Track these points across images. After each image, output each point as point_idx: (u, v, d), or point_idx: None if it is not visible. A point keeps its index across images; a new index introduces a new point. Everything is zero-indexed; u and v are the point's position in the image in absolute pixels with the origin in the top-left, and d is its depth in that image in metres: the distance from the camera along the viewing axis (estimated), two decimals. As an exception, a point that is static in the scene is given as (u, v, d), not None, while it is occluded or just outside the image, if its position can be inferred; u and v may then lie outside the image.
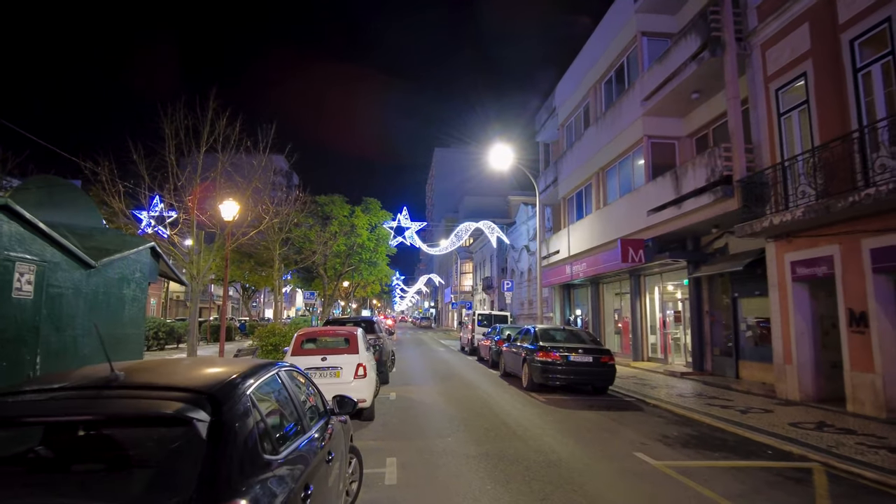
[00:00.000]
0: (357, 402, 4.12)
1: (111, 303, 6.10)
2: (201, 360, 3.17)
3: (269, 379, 2.92)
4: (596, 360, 11.39)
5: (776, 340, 11.17)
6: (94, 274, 5.74)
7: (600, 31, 19.69)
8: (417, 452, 6.65)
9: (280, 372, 3.14)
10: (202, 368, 2.87)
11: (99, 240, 6.21)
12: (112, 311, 6.14)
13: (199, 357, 3.46)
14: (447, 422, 8.51)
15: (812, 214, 9.21)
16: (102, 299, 5.94)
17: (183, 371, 2.73)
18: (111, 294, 6.09)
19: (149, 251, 6.99)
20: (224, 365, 3.03)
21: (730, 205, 12.08)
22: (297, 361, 8.28)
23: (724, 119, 14.35)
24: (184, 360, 3.03)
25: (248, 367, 2.81)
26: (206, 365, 3.04)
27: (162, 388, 2.27)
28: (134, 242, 6.76)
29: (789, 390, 10.66)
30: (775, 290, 11.15)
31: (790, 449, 6.99)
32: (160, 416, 2.08)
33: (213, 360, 3.45)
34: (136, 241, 7.10)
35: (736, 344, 14.01)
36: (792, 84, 10.80)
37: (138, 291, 6.72)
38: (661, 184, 14.71)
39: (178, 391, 2.24)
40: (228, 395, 2.31)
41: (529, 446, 6.96)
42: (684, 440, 7.58)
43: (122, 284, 6.32)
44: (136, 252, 6.55)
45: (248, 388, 2.49)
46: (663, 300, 18.11)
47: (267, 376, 2.87)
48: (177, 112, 9.95)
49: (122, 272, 6.31)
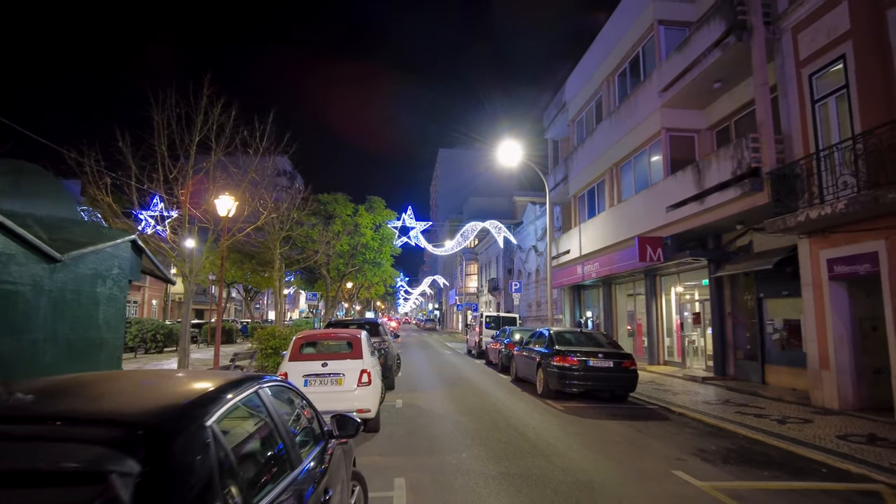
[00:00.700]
0: (360, 422, 3.41)
1: (82, 302, 5.39)
2: (160, 375, 2.46)
3: (244, 400, 2.21)
4: (617, 364, 10.64)
5: (810, 344, 10.39)
6: (60, 269, 5.03)
7: (613, 22, 18.95)
8: (429, 471, 5.91)
9: (262, 390, 2.43)
10: (154, 387, 2.16)
11: (71, 232, 5.51)
12: (83, 312, 5.42)
13: (159, 370, 2.75)
14: (460, 434, 7.77)
15: (856, 207, 8.44)
16: (71, 298, 5.23)
17: (123, 391, 2.02)
18: (82, 292, 5.38)
19: (129, 245, 6.27)
20: (187, 381, 2.32)
21: (758, 199, 11.32)
22: (295, 367, 7.59)
23: (747, 110, 13.64)
24: (134, 375, 2.32)
25: (216, 385, 2.10)
26: (162, 381, 2.33)
27: (76, 422, 1.56)
28: (111, 235, 6.04)
29: (826, 398, 9.88)
30: (809, 290, 10.38)
31: (846, 467, 6.23)
32: (55, 471, 1.36)
33: (175, 374, 2.73)
34: (115, 233, 6.38)
35: (761, 347, 13.21)
36: (828, 68, 10.04)
37: (116, 290, 6.00)
38: (681, 178, 13.95)
39: (101, 425, 1.53)
40: (176, 430, 1.60)
41: (554, 464, 6.21)
42: (724, 455, 6.82)
43: (95, 282, 5.61)
44: (114, 245, 5.84)
45: (208, 417, 1.77)
46: (680, 301, 17.33)
47: (240, 397, 2.15)
48: (168, 99, 9.29)
49: (95, 268, 5.59)
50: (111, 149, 8.98)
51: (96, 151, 9.02)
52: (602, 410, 9.97)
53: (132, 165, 8.87)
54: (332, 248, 23.72)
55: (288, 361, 7.76)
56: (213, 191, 9.93)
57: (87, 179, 8.92)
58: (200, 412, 1.77)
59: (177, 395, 1.89)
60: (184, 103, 9.52)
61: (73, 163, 8.82)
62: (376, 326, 13.83)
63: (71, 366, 5.16)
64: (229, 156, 10.74)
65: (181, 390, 2.00)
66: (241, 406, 2.18)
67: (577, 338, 11.86)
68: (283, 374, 7.55)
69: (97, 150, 9.01)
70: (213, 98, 9.54)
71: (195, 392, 1.94)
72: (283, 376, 7.52)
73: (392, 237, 29.68)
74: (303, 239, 22.75)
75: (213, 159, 9.67)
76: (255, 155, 10.16)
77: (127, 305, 24.85)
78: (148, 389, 2.08)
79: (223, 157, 9.81)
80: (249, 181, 10.45)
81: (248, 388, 2.29)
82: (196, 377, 2.37)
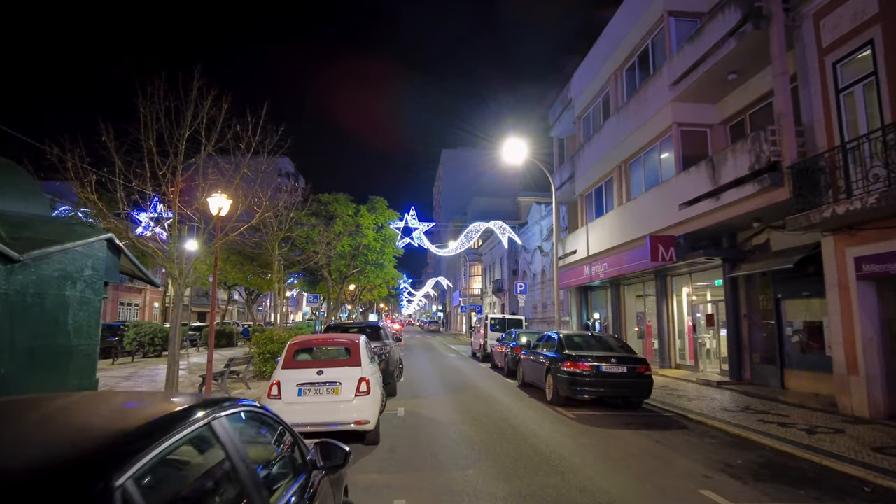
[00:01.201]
0: (349, 451, 2.88)
1: (46, 306, 4.87)
2: (80, 403, 1.93)
3: (189, 437, 1.69)
4: (631, 370, 10.08)
5: (836, 347, 9.80)
6: (19, 270, 4.52)
7: (621, 15, 18.40)
8: (432, 492, 5.38)
9: (217, 421, 1.90)
10: (59, 424, 1.64)
11: (37, 230, 5.00)
12: (47, 316, 4.90)
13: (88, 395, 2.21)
14: (466, 447, 7.23)
15: (890, 201, 7.87)
16: (33, 302, 4.71)
17: (8, 433, 1.49)
18: (47, 295, 4.86)
19: (105, 244, 5.76)
20: (111, 414, 1.80)
21: (777, 195, 10.76)
22: (288, 375, 7.08)
23: (763, 102, 13.09)
24: (46, 403, 1.80)
25: (145, 421, 1.58)
26: (75, 414, 1.80)
27: None
28: (84, 234, 5.52)
29: (855, 405, 9.29)
30: (834, 290, 9.80)
31: (889, 484, 5.67)
32: None
33: (103, 400, 2.19)
34: (88, 232, 5.86)
35: (780, 350, 12.63)
36: (854, 55, 9.48)
37: (89, 293, 5.49)
38: (694, 174, 13.38)
39: None
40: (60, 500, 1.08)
41: (570, 482, 5.67)
42: (754, 471, 6.26)
43: (64, 284, 5.09)
44: (86, 245, 5.32)
45: (118, 474, 1.25)
46: (692, 302, 16.74)
47: (180, 436, 1.62)
48: (157, 91, 8.76)
49: (63, 268, 5.07)
50: (94, 143, 8.49)
51: (80, 147, 8.56)
52: (615, 419, 9.42)
53: (116, 160, 8.36)
54: (334, 249, 23.20)
55: (281, 369, 7.25)
56: (205, 188, 9.42)
57: (70, 176, 8.44)
58: (106, 467, 1.25)
59: (82, 439, 1.38)
60: (173, 95, 9.03)
61: (56, 159, 8.35)
62: (377, 330, 13.30)
63: (33, 375, 4.68)
64: (224, 153, 10.24)
65: (94, 430, 1.49)
66: (182, 445, 1.66)
67: (588, 341, 11.30)
68: (276, 382, 7.05)
69: (80, 145, 8.54)
70: (204, 90, 9.04)
71: (110, 433, 1.43)
72: (276, 385, 7.02)
73: (395, 238, 29.15)
74: (303, 240, 22.24)
75: (202, 154, 9.15)
76: (248, 150, 9.63)
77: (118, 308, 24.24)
78: (48, 427, 1.56)
79: (213, 152, 9.29)
80: (242, 177, 9.93)
81: (196, 420, 1.77)
82: (127, 407, 1.86)
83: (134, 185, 8.69)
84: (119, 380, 14.09)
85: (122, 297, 40.41)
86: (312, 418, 6.80)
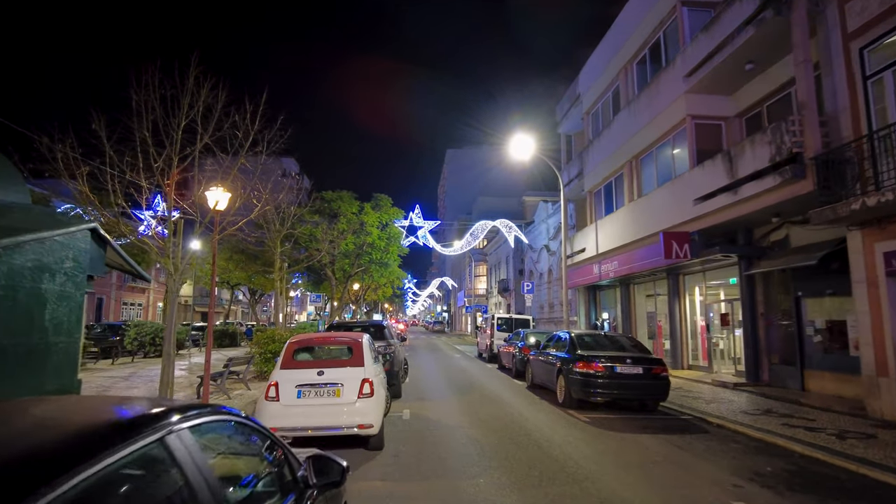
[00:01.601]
0: (346, 466, 2.46)
1: (19, 300, 4.46)
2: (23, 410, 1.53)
3: (132, 459, 1.28)
4: (646, 371, 9.62)
5: (864, 348, 9.31)
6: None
7: (631, 8, 17.93)
8: (440, 503, 4.95)
9: (172, 436, 1.49)
10: None
11: (11, 217, 4.61)
12: (21, 311, 4.50)
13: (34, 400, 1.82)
14: (475, 453, 6.79)
15: (927, 191, 7.40)
16: (5, 295, 4.27)
17: None
18: (19, 288, 4.45)
19: (88, 234, 5.35)
20: (41, 427, 1.39)
21: (799, 188, 10.28)
22: (287, 376, 6.67)
23: (781, 93, 12.62)
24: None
25: (73, 437, 1.17)
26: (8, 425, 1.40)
27: None
28: (63, 223, 5.12)
29: (885, 408, 8.80)
30: (862, 288, 9.31)
31: (938, 496, 5.21)
32: None
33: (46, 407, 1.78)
34: (70, 221, 5.47)
35: (800, 351, 12.13)
36: (882, 40, 9.01)
37: (70, 286, 5.08)
38: (709, 168, 12.91)
39: None
40: None
41: (588, 492, 5.23)
42: (786, 480, 5.81)
43: (40, 276, 4.69)
44: (67, 235, 4.92)
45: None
46: (705, 301, 16.25)
47: (109, 461, 1.21)
48: (151, 79, 8.38)
49: (40, 259, 4.66)
50: (85, 133, 8.09)
51: (71, 137, 8.16)
52: (631, 422, 8.96)
53: (107, 149, 7.96)
54: (337, 247, 22.80)
55: (280, 369, 6.85)
56: (202, 181, 9.03)
57: (60, 168, 8.06)
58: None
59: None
60: (169, 84, 8.64)
61: (45, 149, 7.97)
62: (381, 329, 12.88)
63: (4, 375, 4.29)
64: (221, 144, 9.85)
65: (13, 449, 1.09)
66: (128, 469, 1.25)
67: (601, 341, 10.84)
68: (274, 383, 6.64)
69: (72, 135, 8.14)
70: (201, 78, 8.65)
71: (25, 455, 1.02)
72: (274, 386, 6.61)
73: (399, 236, 28.72)
74: (306, 238, 21.86)
75: (199, 145, 8.75)
76: (246, 140, 9.22)
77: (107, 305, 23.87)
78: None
79: (210, 143, 8.89)
80: (240, 169, 9.53)
81: (140, 437, 1.35)
82: (50, 419, 1.45)
83: (128, 177, 8.30)
84: (117, 380, 13.75)
85: (125, 297, 40.21)
86: (312, 422, 6.39)
